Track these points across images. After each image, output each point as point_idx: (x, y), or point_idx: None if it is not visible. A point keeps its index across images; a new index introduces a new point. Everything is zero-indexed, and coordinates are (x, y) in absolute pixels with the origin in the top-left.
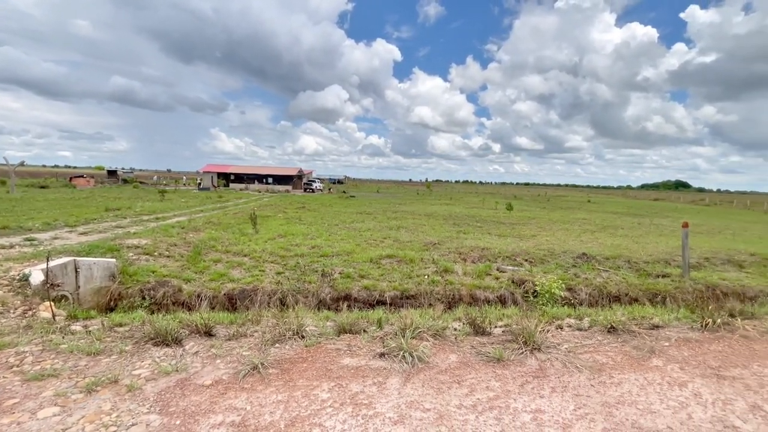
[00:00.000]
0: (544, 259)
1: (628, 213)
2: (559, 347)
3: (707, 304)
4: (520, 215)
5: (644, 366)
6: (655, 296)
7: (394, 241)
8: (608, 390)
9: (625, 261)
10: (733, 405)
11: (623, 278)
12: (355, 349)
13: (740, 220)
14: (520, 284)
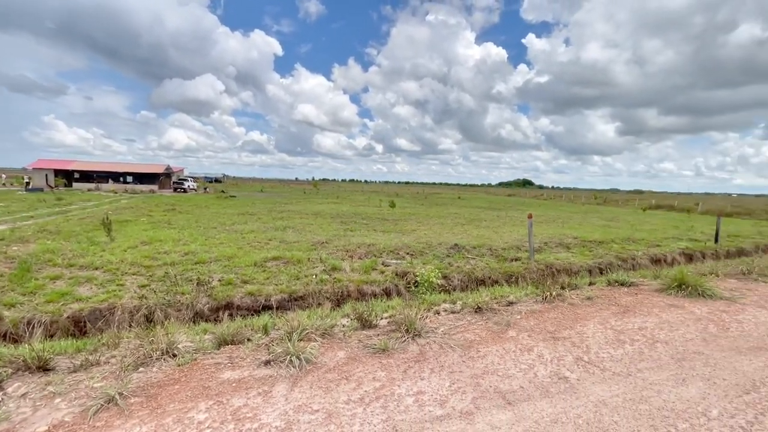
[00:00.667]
0: (423, 252)
1: (489, 207)
2: (436, 331)
3: (546, 281)
4: (402, 212)
5: (503, 338)
6: (511, 277)
7: (281, 242)
8: (476, 363)
9: (488, 249)
10: (564, 360)
11: (487, 264)
12: (238, 361)
13: (567, 211)
14: (403, 276)
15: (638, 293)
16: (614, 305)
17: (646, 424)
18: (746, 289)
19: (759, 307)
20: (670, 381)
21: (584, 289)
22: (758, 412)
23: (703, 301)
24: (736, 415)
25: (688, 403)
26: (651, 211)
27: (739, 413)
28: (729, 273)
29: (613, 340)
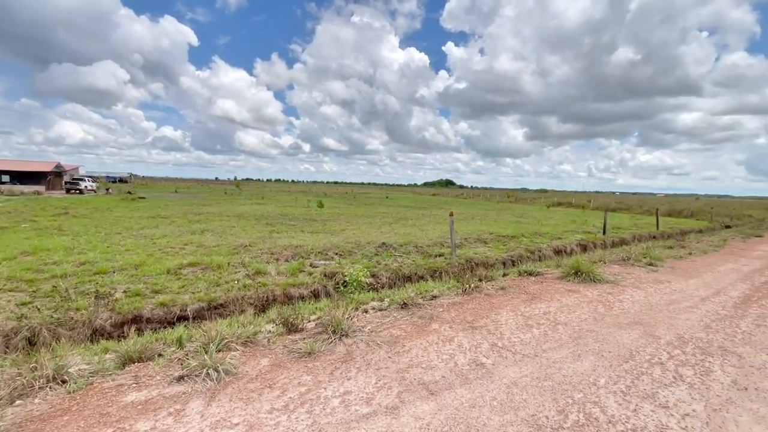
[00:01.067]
0: (351, 251)
1: (415, 206)
2: (363, 330)
3: (465, 274)
4: (331, 212)
5: (426, 331)
6: (435, 272)
7: (198, 247)
8: (401, 358)
9: (414, 246)
10: (481, 347)
11: (413, 261)
12: (145, 380)
13: (483, 209)
14: (332, 277)
15: (543, 281)
16: (524, 293)
17: (549, 398)
18: (626, 273)
19: (635, 287)
20: (569, 358)
21: (499, 280)
22: (634, 377)
23: (594, 286)
24: (619, 381)
25: (582, 376)
26: (554, 208)
27: (621, 379)
28: (613, 260)
29: (523, 326)
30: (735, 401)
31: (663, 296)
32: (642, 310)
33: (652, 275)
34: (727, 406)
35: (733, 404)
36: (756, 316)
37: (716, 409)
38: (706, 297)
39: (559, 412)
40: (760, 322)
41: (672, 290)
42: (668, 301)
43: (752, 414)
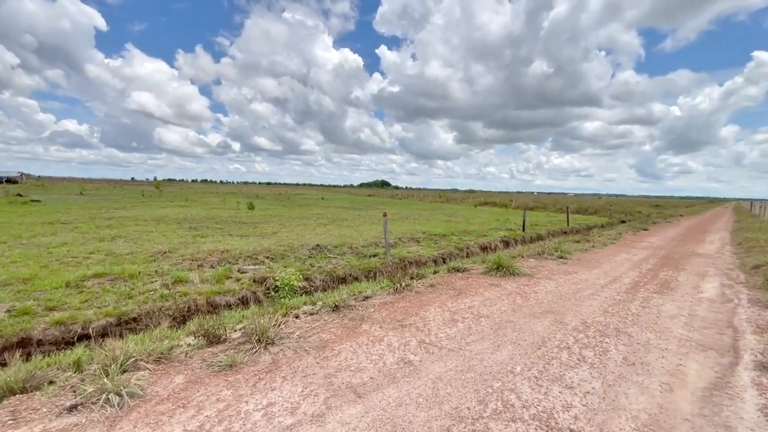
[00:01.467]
0: (284, 255)
1: (351, 207)
2: (291, 336)
3: (397, 273)
4: (262, 214)
5: (357, 332)
6: (370, 273)
7: (107, 255)
8: (330, 363)
9: (349, 247)
10: (410, 345)
11: (348, 262)
12: (27, 414)
13: (417, 209)
14: (262, 282)
15: (469, 277)
16: (451, 289)
17: (471, 389)
18: (540, 266)
19: (548, 279)
20: (490, 349)
21: (429, 277)
22: (546, 362)
23: (513, 279)
24: (533, 367)
25: (501, 365)
26: (480, 207)
27: (534, 365)
28: (530, 254)
29: (449, 320)
30: (625, 376)
31: (571, 286)
32: (553, 300)
33: (563, 267)
34: (620, 381)
35: (624, 379)
36: (642, 300)
37: (611, 385)
38: (605, 285)
39: (479, 402)
40: (645, 304)
41: (578, 280)
42: (575, 290)
43: (638, 386)
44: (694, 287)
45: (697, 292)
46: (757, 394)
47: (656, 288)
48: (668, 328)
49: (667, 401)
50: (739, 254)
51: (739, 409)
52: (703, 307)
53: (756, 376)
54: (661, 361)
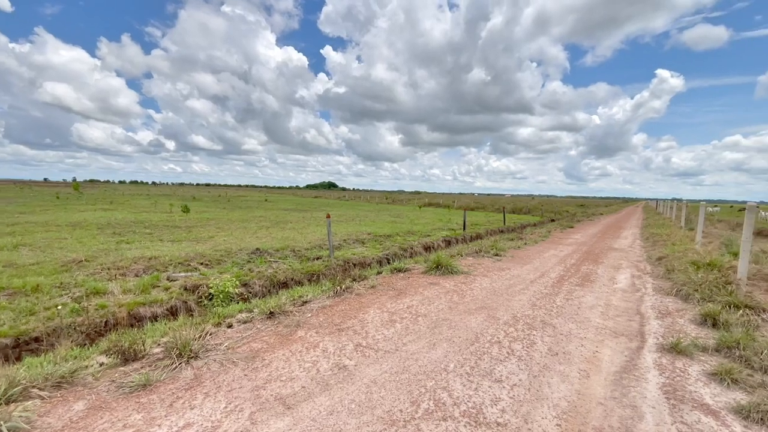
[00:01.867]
0: (221, 260)
1: (296, 209)
2: (219, 347)
3: (339, 275)
4: (199, 217)
5: (291, 339)
6: (313, 276)
7: (6, 267)
8: (259, 374)
9: (292, 250)
10: (346, 349)
11: (289, 266)
12: None
13: (364, 210)
14: (194, 290)
15: (410, 277)
16: (392, 290)
17: (405, 390)
18: (477, 264)
19: (483, 276)
20: (425, 348)
21: (371, 279)
22: (478, 357)
23: (452, 277)
24: (465, 363)
25: (435, 363)
26: (425, 208)
27: (467, 361)
28: (468, 253)
29: (387, 321)
30: (549, 366)
31: (504, 282)
32: (488, 296)
33: (497, 264)
34: (544, 372)
35: (548, 369)
36: (566, 292)
37: (536, 376)
38: (535, 279)
39: (412, 403)
40: (568, 296)
41: (511, 276)
42: (508, 286)
43: (560, 374)
44: (610, 279)
45: (613, 284)
46: (658, 374)
47: (578, 281)
48: (588, 318)
49: (584, 387)
50: (647, 248)
51: (644, 390)
52: (617, 297)
53: (657, 358)
54: (581, 349)
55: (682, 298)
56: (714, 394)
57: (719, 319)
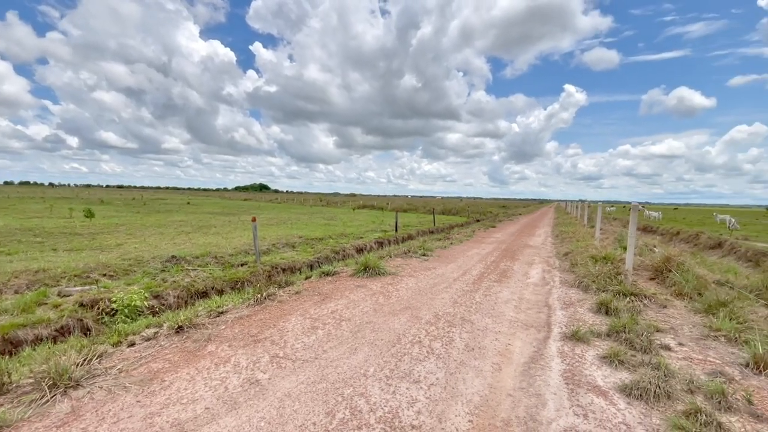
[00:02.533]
0: (129, 270)
1: (222, 212)
2: (109, 371)
3: (263, 282)
4: (105, 222)
5: (198, 356)
6: (237, 283)
7: None
8: (156, 398)
9: (214, 257)
10: (260, 362)
11: (210, 274)
12: None
13: (296, 213)
14: (93, 305)
15: (338, 280)
16: (317, 295)
17: (321, 401)
18: (405, 264)
19: (410, 276)
20: (346, 353)
21: (297, 284)
22: (398, 359)
23: (379, 279)
24: (385, 366)
25: (355, 369)
26: (359, 210)
27: (387, 364)
28: (398, 253)
29: (309, 328)
30: (465, 362)
31: (429, 281)
32: (413, 296)
33: (424, 264)
34: (460, 368)
35: (464, 365)
36: (485, 289)
37: (452, 373)
38: (457, 278)
39: (327, 414)
40: (487, 293)
41: (436, 275)
42: (432, 285)
43: (475, 370)
44: (524, 274)
45: (526, 278)
46: (560, 361)
47: (497, 277)
48: (503, 312)
49: (496, 380)
50: (556, 244)
51: (548, 378)
52: (529, 291)
53: (560, 346)
54: (495, 343)
55: (583, 289)
56: (604, 375)
57: (611, 306)
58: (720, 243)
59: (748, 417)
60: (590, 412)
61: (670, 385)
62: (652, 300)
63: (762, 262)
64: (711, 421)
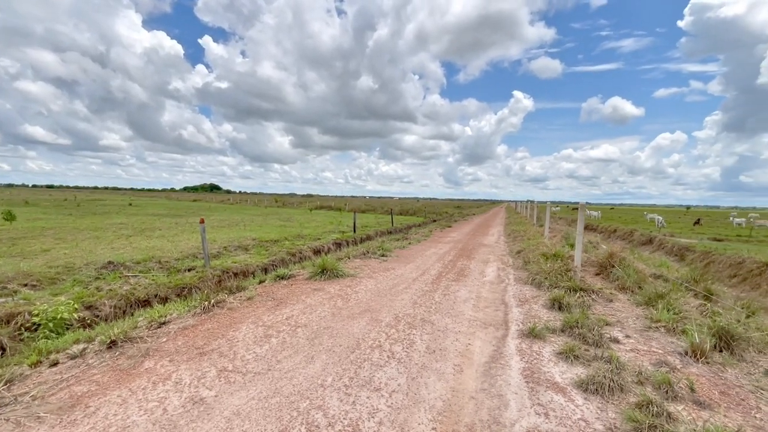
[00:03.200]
0: (57, 278)
1: (168, 214)
2: (20, 399)
3: (210, 288)
4: (30, 226)
5: (134, 374)
6: (183, 290)
7: None
8: (77, 428)
9: (157, 262)
10: (206, 377)
11: (153, 280)
12: None
13: (250, 214)
14: (10, 320)
15: (294, 284)
16: (271, 300)
17: (275, 417)
18: (364, 266)
19: (369, 278)
20: (303, 363)
21: (249, 289)
22: (358, 366)
23: (338, 281)
24: (344, 374)
25: (312, 380)
26: (317, 211)
27: (347, 372)
28: (356, 255)
29: (262, 337)
30: (427, 365)
31: (388, 282)
32: (372, 298)
33: (383, 264)
34: (422, 372)
35: (426, 369)
36: (444, 288)
37: (414, 378)
38: (417, 278)
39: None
40: (446, 292)
41: (395, 276)
42: (392, 286)
43: (436, 372)
44: (480, 273)
45: (482, 277)
46: (519, 359)
47: (455, 276)
48: (462, 311)
49: (458, 383)
50: (509, 243)
51: (508, 377)
52: (486, 289)
53: (519, 344)
54: (456, 344)
55: (536, 285)
56: (562, 371)
57: (563, 302)
58: (651, 239)
59: (693, 405)
60: (551, 410)
61: (622, 378)
62: (599, 295)
63: (686, 256)
64: (661, 411)
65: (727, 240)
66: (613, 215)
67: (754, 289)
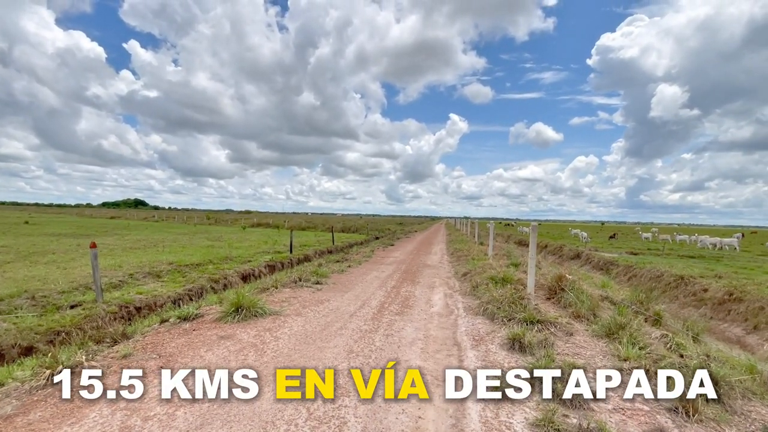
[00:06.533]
0: None
1: (72, 234)
2: None
3: (79, 340)
4: None
5: None
6: (59, 334)
7: None
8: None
9: (30, 297)
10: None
11: (18, 323)
12: None
13: (175, 233)
14: None
15: (198, 328)
16: (155, 358)
17: None
18: (293, 298)
19: (297, 315)
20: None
21: (136, 336)
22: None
23: (255, 322)
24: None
25: None
26: (251, 229)
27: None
28: (287, 282)
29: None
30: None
31: (320, 320)
32: (296, 347)
33: (317, 295)
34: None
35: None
36: (386, 326)
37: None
38: (354, 312)
39: None
40: (388, 331)
41: (329, 310)
42: (324, 326)
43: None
44: (426, 301)
45: (429, 307)
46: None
47: (398, 308)
48: (408, 360)
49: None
50: (453, 263)
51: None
52: (435, 324)
53: (481, 410)
54: (402, 419)
55: (489, 317)
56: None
57: (524, 341)
58: (578, 254)
59: None
60: None
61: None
62: (557, 326)
63: (611, 270)
64: None
65: (642, 253)
66: (542, 230)
67: (672, 301)
